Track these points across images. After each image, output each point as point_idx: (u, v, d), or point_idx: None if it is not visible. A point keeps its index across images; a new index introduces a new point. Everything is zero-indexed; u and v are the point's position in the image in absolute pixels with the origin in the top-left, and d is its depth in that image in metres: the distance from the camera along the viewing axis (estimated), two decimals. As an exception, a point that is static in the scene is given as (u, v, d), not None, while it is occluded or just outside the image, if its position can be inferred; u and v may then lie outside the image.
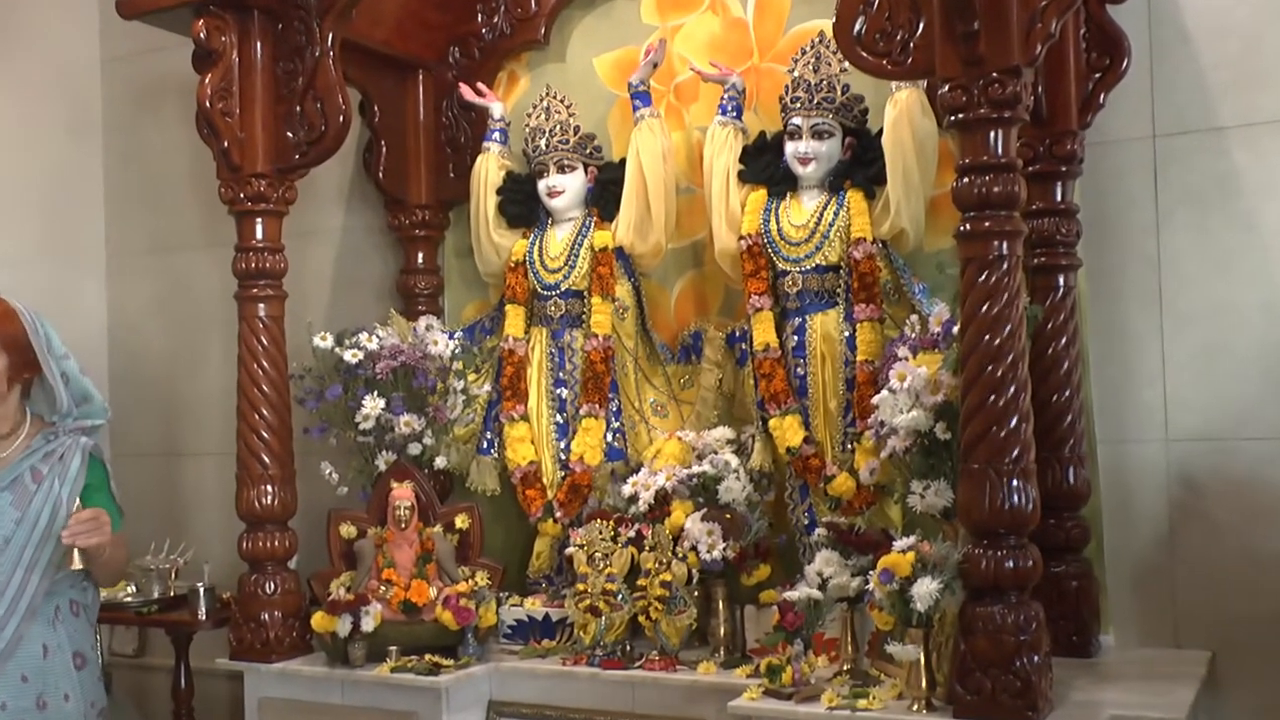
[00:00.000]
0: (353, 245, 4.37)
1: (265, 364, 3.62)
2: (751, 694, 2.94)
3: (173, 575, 4.19)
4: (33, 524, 3.15)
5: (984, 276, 2.69)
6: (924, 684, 2.75)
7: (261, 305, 3.64)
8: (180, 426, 4.68)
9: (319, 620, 3.46)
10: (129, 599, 4.09)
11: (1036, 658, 2.63)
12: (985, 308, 2.68)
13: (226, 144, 3.58)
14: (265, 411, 3.62)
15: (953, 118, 2.74)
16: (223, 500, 4.08)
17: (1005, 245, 2.69)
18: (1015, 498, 2.65)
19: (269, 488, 3.61)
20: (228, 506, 3.74)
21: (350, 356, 3.69)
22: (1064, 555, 3.20)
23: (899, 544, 2.80)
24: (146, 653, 4.71)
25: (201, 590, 3.94)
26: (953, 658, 2.72)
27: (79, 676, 3.26)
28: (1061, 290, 3.24)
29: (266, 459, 3.61)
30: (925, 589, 2.66)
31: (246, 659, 3.60)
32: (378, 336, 3.75)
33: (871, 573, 2.79)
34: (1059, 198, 3.27)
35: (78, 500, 3.19)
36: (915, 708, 2.74)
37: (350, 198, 4.37)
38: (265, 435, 3.61)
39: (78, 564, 3.09)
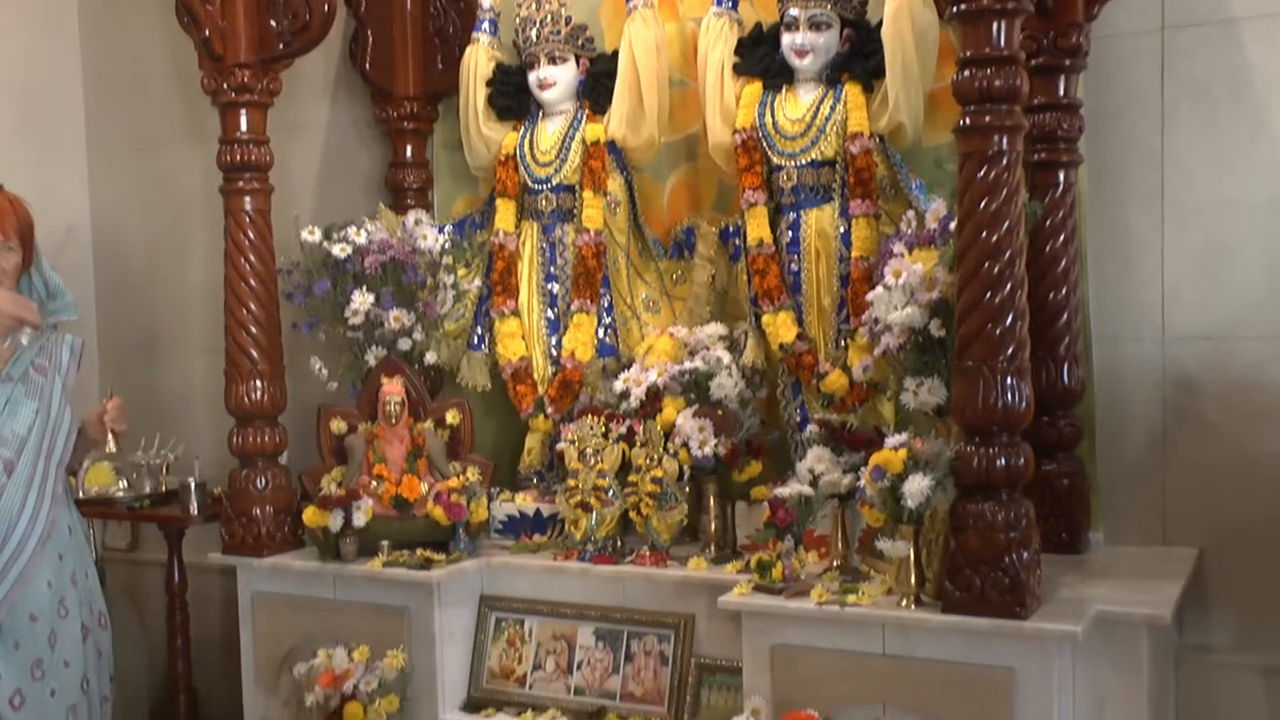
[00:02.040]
0: (339, 139, 4.31)
1: (252, 258, 3.61)
2: (742, 589, 2.98)
3: (164, 471, 4.21)
4: (47, 415, 3.32)
5: (983, 172, 2.66)
6: (913, 580, 2.78)
7: (248, 199, 3.61)
8: (167, 322, 4.67)
9: (310, 515, 3.48)
10: (121, 494, 4.12)
11: (1026, 555, 2.66)
12: (984, 204, 2.66)
13: (208, 33, 3.52)
14: (253, 306, 3.61)
15: (954, 9, 2.68)
16: (212, 396, 4.10)
17: (1005, 140, 2.66)
18: (1009, 396, 2.65)
19: (258, 383, 3.62)
20: (217, 402, 3.75)
21: (338, 251, 3.67)
22: (1056, 453, 3.22)
23: (891, 441, 2.81)
24: (139, 548, 4.75)
25: (193, 485, 3.96)
26: (943, 554, 2.75)
27: (89, 553, 3.50)
28: (1061, 187, 3.22)
29: (255, 354, 3.61)
30: (917, 486, 2.67)
31: (238, 554, 3.64)
32: (366, 231, 3.72)
33: (863, 470, 2.81)
34: (1061, 92, 3.22)
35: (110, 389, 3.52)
36: (904, 604, 2.78)
37: (336, 90, 4.30)
38: (253, 330, 3.61)
39: (112, 446, 3.43)
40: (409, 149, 4.10)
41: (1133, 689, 2.76)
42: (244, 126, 3.60)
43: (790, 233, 3.46)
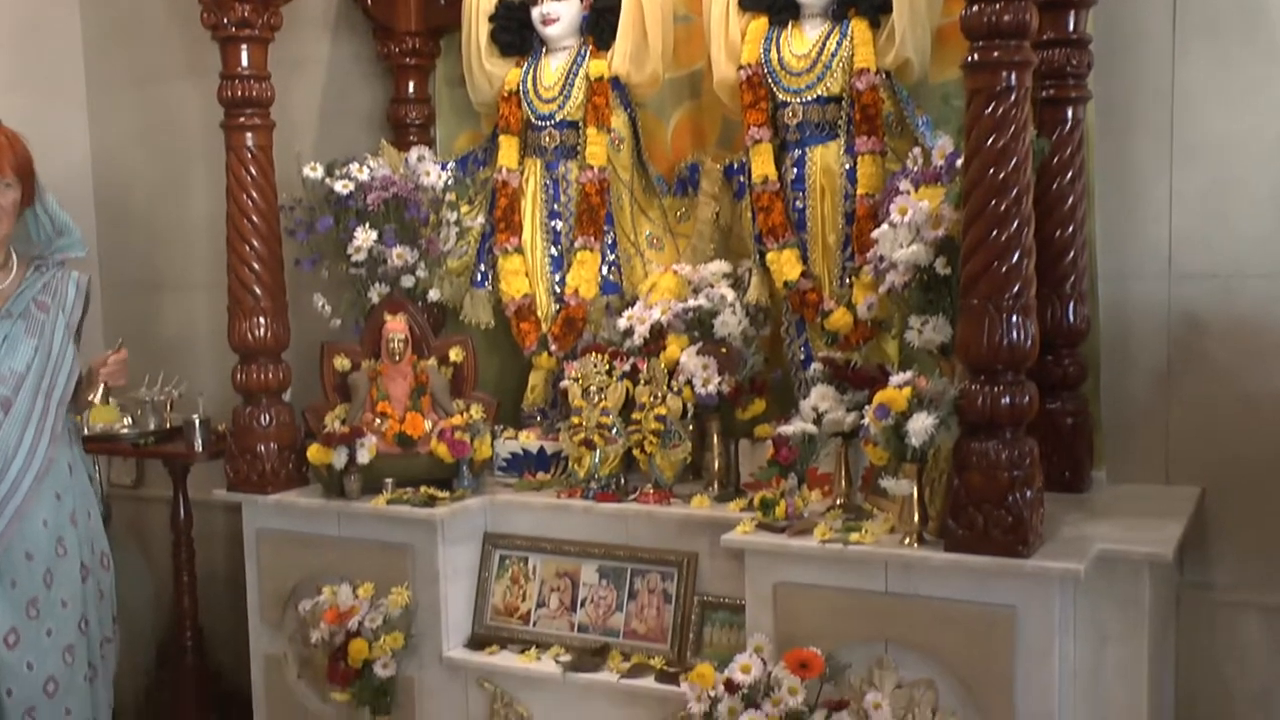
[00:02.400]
0: (341, 75, 4.27)
1: (254, 194, 3.60)
2: (745, 527, 2.99)
3: (168, 408, 4.22)
4: (48, 352, 3.31)
5: (990, 108, 2.63)
6: (916, 519, 2.79)
7: (249, 135, 3.60)
8: (168, 259, 4.65)
9: (314, 453, 3.49)
10: (125, 430, 4.12)
11: (1029, 493, 2.66)
12: (991, 141, 2.63)
13: (207, -34, 3.49)
14: (255, 243, 3.61)
15: (963, -59, 2.65)
16: (214, 333, 4.09)
17: (1014, 76, 2.63)
18: (1014, 334, 2.64)
19: (261, 320, 3.62)
20: (220, 339, 3.75)
21: (341, 188, 3.65)
22: (1060, 392, 3.21)
23: (895, 379, 2.80)
24: (144, 484, 4.77)
25: (197, 422, 3.97)
26: (946, 493, 2.75)
27: (92, 493, 3.45)
28: (1070, 123, 3.19)
29: (258, 291, 3.61)
30: (920, 424, 2.67)
31: (243, 491, 3.66)
32: (368, 167, 3.70)
33: (867, 408, 2.80)
34: (1071, 27, 3.18)
35: (119, 339, 3.53)
36: (907, 542, 2.79)
37: (337, 25, 4.25)
38: (256, 267, 3.61)
39: (99, 398, 3.41)
40: (411, 85, 4.06)
41: (1134, 627, 2.78)
42: (244, 62, 3.57)
43: (795, 170, 3.43)
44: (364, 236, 3.63)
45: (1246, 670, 3.24)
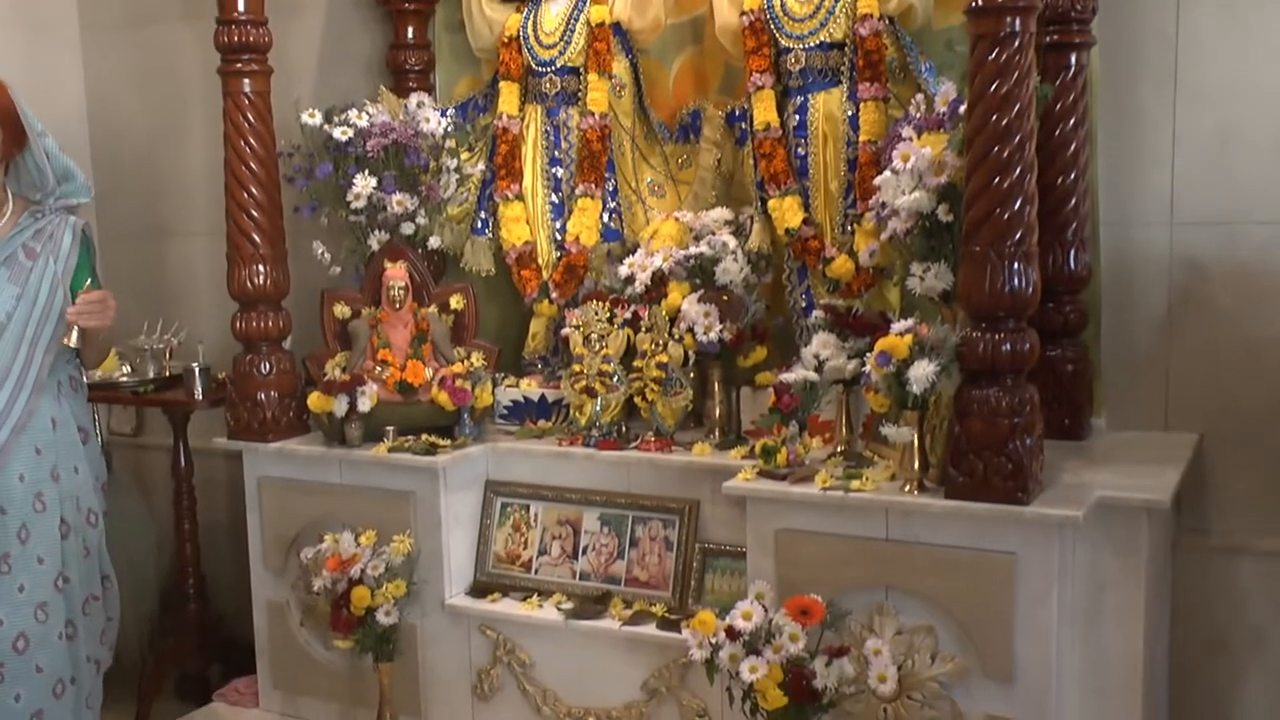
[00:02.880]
0: (339, 20, 4.23)
1: (252, 141, 3.58)
2: (746, 475, 3.00)
3: (167, 355, 4.22)
4: (33, 300, 3.22)
5: (994, 54, 2.62)
6: (917, 466, 2.80)
7: (246, 80, 3.58)
8: (166, 206, 4.63)
9: (315, 400, 3.49)
10: (125, 378, 4.13)
11: (1029, 440, 2.68)
12: (994, 87, 2.62)
13: (204, -93, 3.44)
14: (254, 190, 3.59)
15: (968, -116, 2.62)
16: (214, 280, 4.08)
17: (1018, 21, 2.61)
18: (1016, 281, 2.64)
19: (260, 267, 3.61)
20: (219, 287, 3.74)
21: (340, 134, 3.63)
22: (1061, 339, 3.22)
23: (897, 326, 2.80)
24: (144, 432, 4.78)
25: (197, 370, 3.96)
26: (946, 440, 2.76)
27: (85, 450, 3.40)
28: (1073, 69, 3.17)
29: (257, 238, 3.60)
30: (921, 371, 2.68)
31: (244, 439, 3.67)
32: (368, 114, 3.68)
33: (868, 355, 2.81)
34: (1075, -29, 3.16)
35: (88, 279, 3.28)
36: (908, 489, 2.80)
37: (335, -32, 4.23)
38: (255, 214, 3.60)
39: (74, 341, 3.23)
40: (410, 30, 4.02)
41: (1131, 573, 2.80)
42: (241, 6, 3.54)
43: (797, 116, 3.42)
44: (363, 183, 3.61)
45: (1240, 615, 3.27)
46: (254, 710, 3.79)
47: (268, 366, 3.65)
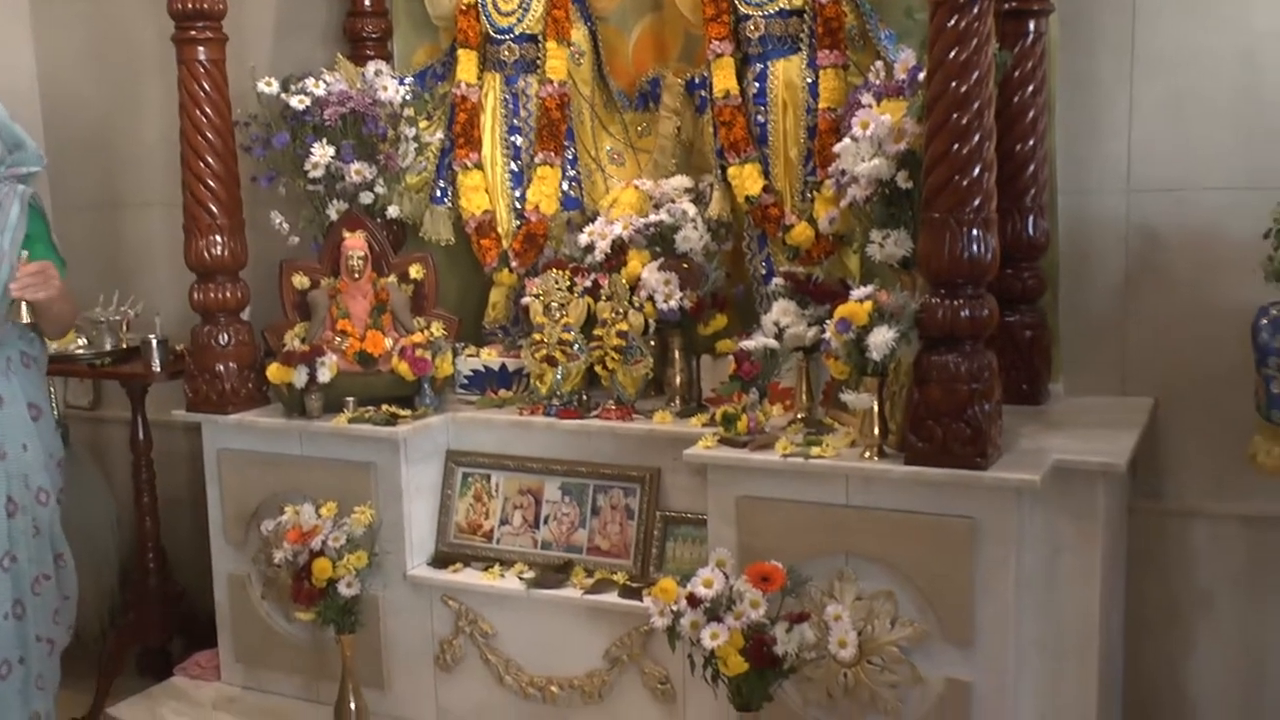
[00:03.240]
0: (295, -14, 4.19)
1: (208, 110, 3.54)
2: (707, 442, 3.00)
3: (124, 327, 4.17)
4: None
5: (953, 21, 2.61)
6: (877, 432, 2.82)
7: (201, 49, 3.53)
8: (121, 176, 4.57)
9: (274, 371, 3.47)
10: (81, 351, 4.08)
11: (988, 406, 2.69)
12: (953, 53, 2.62)
13: None
14: (210, 159, 3.55)
15: None
16: (171, 251, 4.05)
17: (976, -13, 2.61)
18: (975, 247, 2.65)
19: (218, 238, 3.58)
20: (176, 258, 3.71)
21: (297, 103, 3.59)
22: (1019, 305, 3.23)
23: (856, 293, 2.81)
24: (101, 405, 4.73)
25: (154, 342, 3.92)
26: (906, 406, 2.78)
27: (35, 427, 3.33)
28: (1031, 36, 3.17)
29: (214, 208, 3.57)
30: (881, 338, 2.69)
31: (203, 411, 3.64)
32: (325, 82, 3.64)
33: (828, 322, 2.81)
34: (1033, -62, 3.16)
35: (24, 252, 3.17)
36: (868, 455, 2.81)
37: (291, -66, 4.17)
38: (211, 184, 3.56)
39: (25, 317, 3.16)
40: (367, -3, 3.99)
41: (1087, 537, 2.82)
42: (194, -27, 3.49)
43: (757, 84, 3.41)
44: (321, 152, 3.58)
45: (1192, 576, 3.32)
46: (216, 684, 3.78)
47: (226, 338, 3.62)
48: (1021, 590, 2.73)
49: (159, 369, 3.93)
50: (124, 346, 4.13)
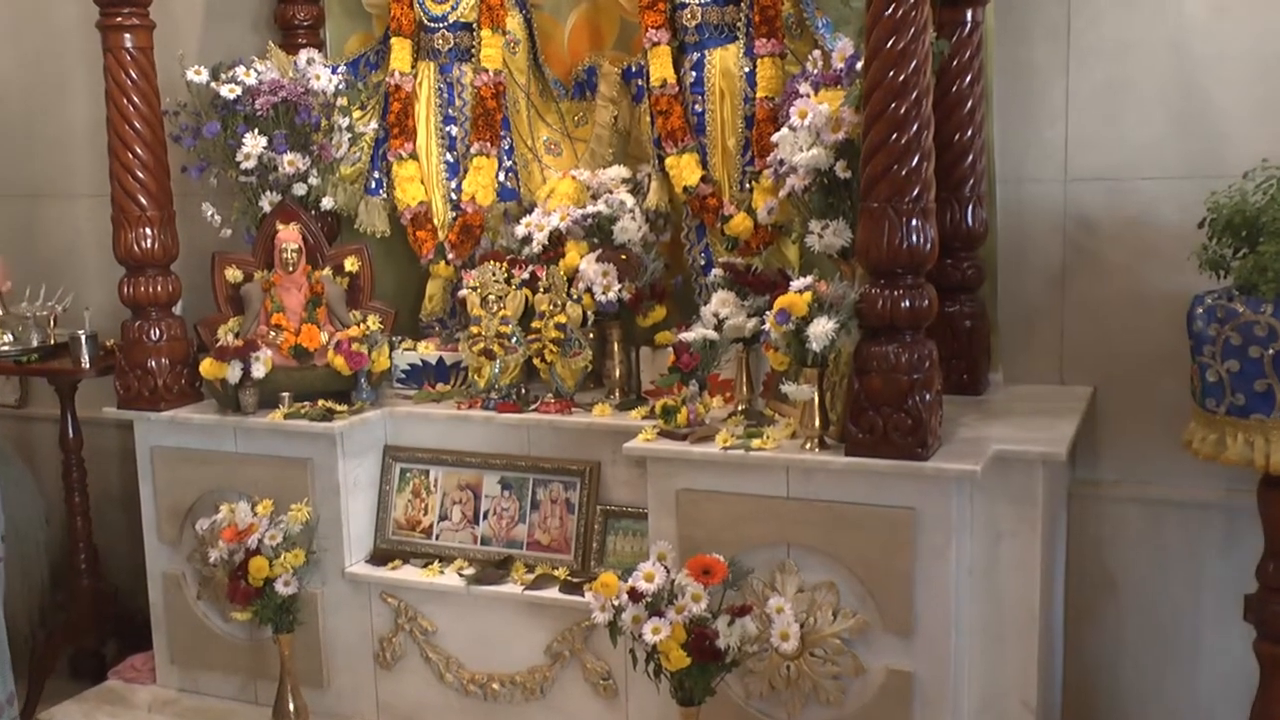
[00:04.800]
0: (224, -28, 4.11)
1: (136, 99, 3.48)
2: (646, 435, 2.99)
3: (51, 323, 4.09)
4: None
5: (890, 9, 2.60)
6: (817, 423, 2.81)
7: (127, 35, 3.47)
8: (47, 166, 4.48)
9: (208, 367, 3.41)
10: (7, 348, 4.00)
11: (928, 396, 2.69)
12: (891, 42, 2.61)
13: None
14: (139, 150, 3.49)
15: None
16: (100, 244, 3.97)
17: (913, -24, 2.60)
18: (914, 237, 2.64)
19: (148, 230, 3.52)
20: (105, 251, 3.63)
21: (227, 92, 3.53)
22: (959, 295, 3.23)
23: (796, 284, 2.80)
24: (29, 403, 4.64)
25: (83, 338, 3.85)
26: (846, 397, 2.77)
27: None
28: (969, 25, 3.17)
29: (143, 200, 3.51)
30: (821, 329, 2.68)
31: (134, 407, 3.58)
32: (256, 71, 3.58)
33: (768, 313, 2.80)
34: (969, -74, 3.16)
35: None
36: (808, 446, 2.81)
37: (220, -81, 4.09)
38: (140, 175, 3.50)
39: None
40: (299, -16, 3.92)
41: (1027, 524, 2.83)
42: (119, -43, 3.42)
43: (694, 72, 3.38)
44: (253, 143, 3.52)
45: (1129, 560, 3.35)
46: (151, 686, 3.72)
47: (157, 333, 3.56)
48: (962, 578, 2.74)
49: (88, 365, 3.86)
50: (52, 342, 4.05)
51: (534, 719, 3.23)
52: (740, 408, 3.10)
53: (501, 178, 3.65)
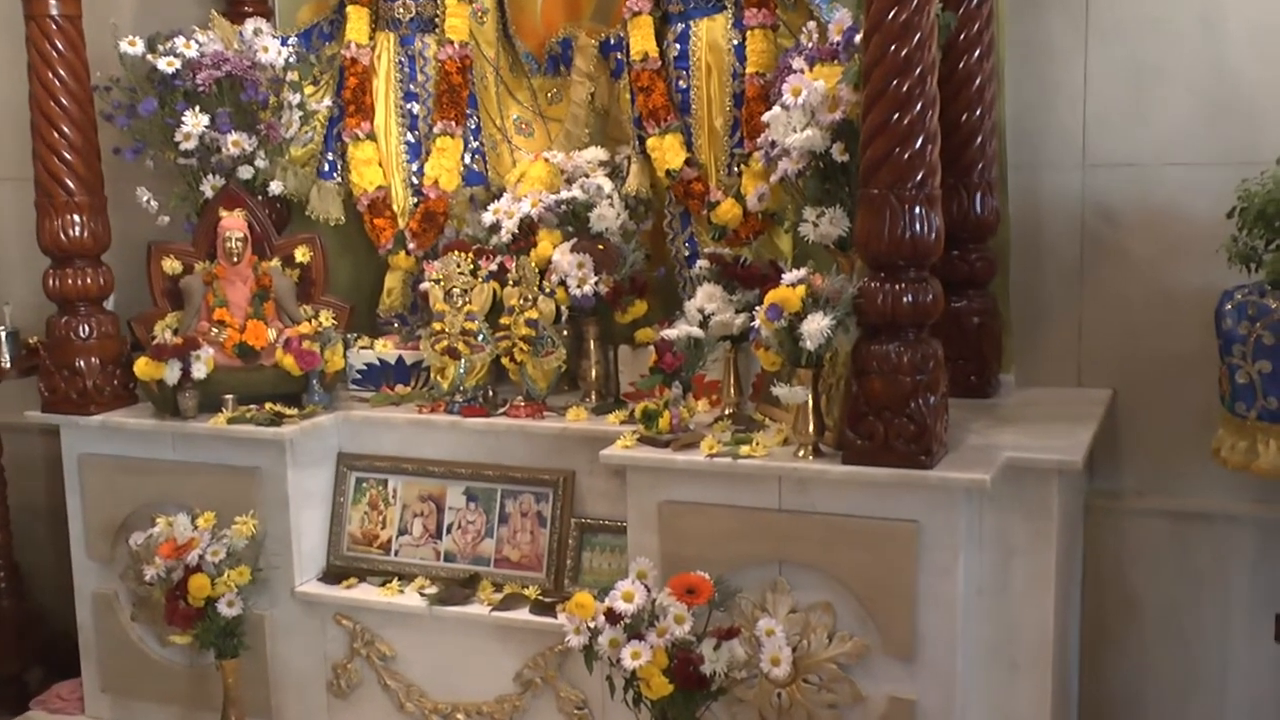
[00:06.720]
0: (162, -66, 4.12)
1: (62, 72, 3.50)
2: (625, 442, 3.00)
3: (-32, 319, 4.10)
4: None
5: (892, -23, 2.63)
6: (812, 429, 2.83)
7: (53, 2, 3.48)
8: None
9: (143, 367, 3.42)
10: (-82, 347, 4.00)
11: (933, 399, 2.71)
12: (892, 14, 2.63)
13: None
14: (66, 129, 3.52)
15: None
16: (22, 232, 3.98)
17: (917, -59, 2.63)
18: (917, 226, 2.67)
19: (76, 217, 3.54)
20: (29, 240, 3.65)
21: (165, 65, 3.55)
22: (967, 290, 3.27)
23: (788, 277, 2.82)
24: (-56, 406, 4.64)
25: (3, 335, 3.87)
26: (844, 400, 2.79)
27: None
28: (977, -4, 3.21)
29: (71, 184, 3.53)
30: (816, 326, 2.70)
31: (61, 411, 3.59)
32: (197, 42, 3.61)
33: (758, 309, 2.82)
34: (979, -112, 3.19)
35: None
36: (802, 454, 2.83)
37: (156, -126, 4.10)
38: (68, 156, 3.52)
39: None
40: (245, -53, 3.94)
41: (1042, 539, 2.86)
42: (44, -84, 3.44)
43: (678, 45, 3.41)
44: (194, 121, 3.54)
45: (1151, 578, 3.38)
46: (79, 718, 3.73)
47: (87, 329, 3.57)
48: (970, 597, 2.77)
49: (9, 365, 3.88)
50: (-32, 340, 4.06)
51: (502, 753, 3.26)
52: (728, 412, 3.12)
53: (467, 160, 3.68)
